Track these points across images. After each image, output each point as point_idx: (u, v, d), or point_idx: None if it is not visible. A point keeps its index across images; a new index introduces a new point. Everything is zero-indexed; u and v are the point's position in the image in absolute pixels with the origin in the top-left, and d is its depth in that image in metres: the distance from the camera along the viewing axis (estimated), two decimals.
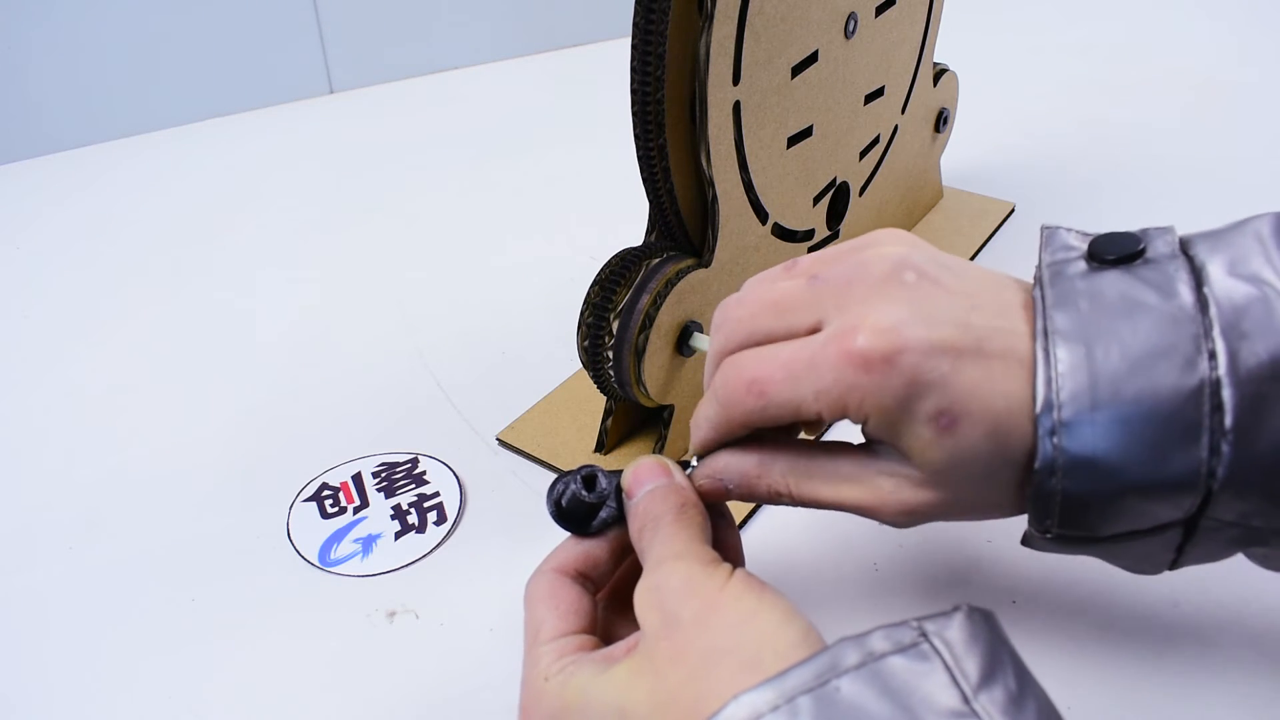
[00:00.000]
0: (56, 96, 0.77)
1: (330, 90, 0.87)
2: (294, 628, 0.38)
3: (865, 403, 0.26)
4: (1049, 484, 0.25)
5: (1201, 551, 0.27)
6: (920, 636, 0.22)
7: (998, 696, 0.21)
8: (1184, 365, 0.24)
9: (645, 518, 0.29)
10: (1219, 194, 0.65)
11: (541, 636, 0.28)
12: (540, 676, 0.27)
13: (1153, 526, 0.26)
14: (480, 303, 0.58)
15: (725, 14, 0.36)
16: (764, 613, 0.24)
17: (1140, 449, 0.24)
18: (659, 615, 0.25)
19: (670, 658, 0.24)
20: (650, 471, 0.30)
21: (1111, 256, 0.26)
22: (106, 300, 0.60)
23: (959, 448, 0.26)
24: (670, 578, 0.26)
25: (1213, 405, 0.24)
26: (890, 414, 0.26)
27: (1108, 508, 0.25)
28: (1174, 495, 0.25)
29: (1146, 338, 0.25)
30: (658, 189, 0.39)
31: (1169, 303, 0.25)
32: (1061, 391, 0.25)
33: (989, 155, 0.70)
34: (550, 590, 0.29)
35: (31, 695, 0.36)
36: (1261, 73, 0.82)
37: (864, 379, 0.26)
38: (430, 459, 0.46)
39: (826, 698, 0.21)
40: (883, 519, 0.28)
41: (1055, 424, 0.25)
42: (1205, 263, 0.26)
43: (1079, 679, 0.34)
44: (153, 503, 0.45)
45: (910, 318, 0.26)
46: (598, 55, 0.92)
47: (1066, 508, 0.25)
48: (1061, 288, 0.26)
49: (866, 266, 0.28)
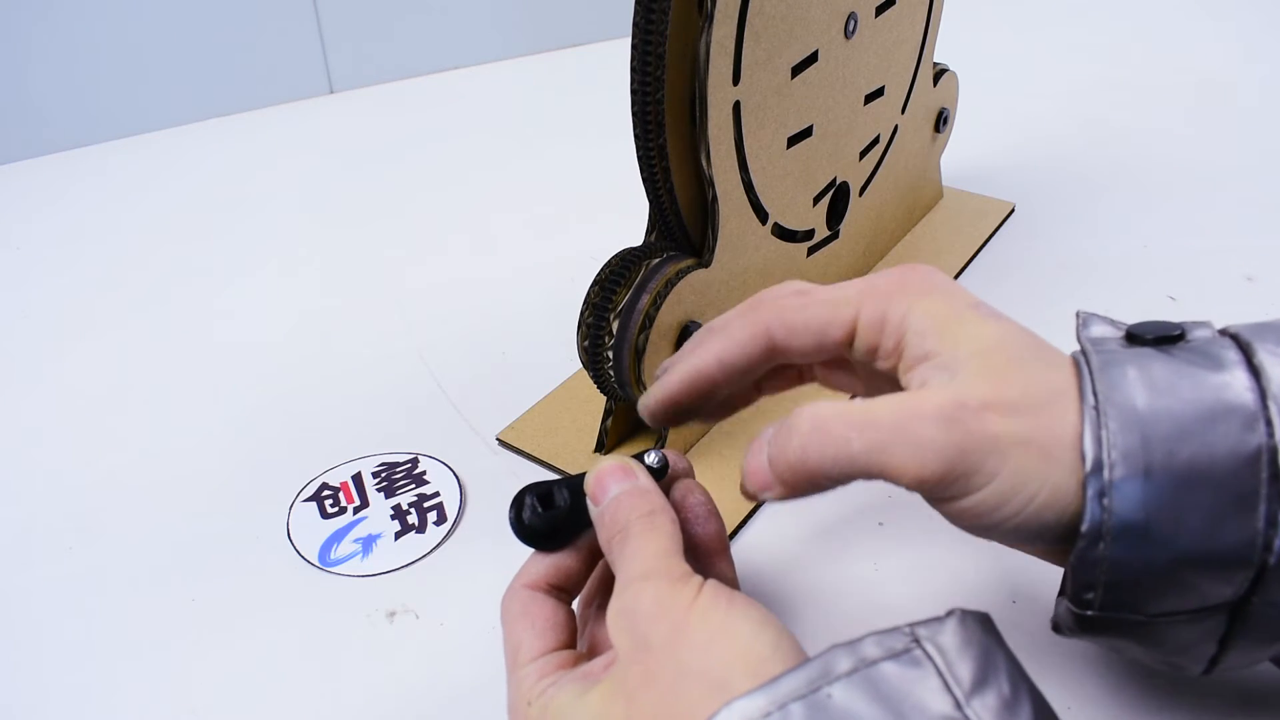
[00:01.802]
0: (56, 96, 0.77)
1: (330, 90, 0.87)
2: (294, 628, 0.38)
3: (909, 294, 0.27)
4: (1095, 551, 0.24)
5: (1246, 644, 0.26)
6: (913, 642, 0.22)
7: (990, 702, 0.21)
8: (1241, 430, 0.23)
9: (613, 527, 0.28)
10: (1219, 194, 0.65)
11: (521, 658, 0.28)
12: (524, 701, 0.27)
13: (1199, 608, 0.25)
14: (480, 303, 0.58)
15: (725, 14, 0.36)
16: (731, 629, 0.24)
17: (1194, 516, 0.23)
18: (630, 639, 0.25)
19: (641, 682, 0.24)
20: (614, 475, 0.29)
21: (1151, 337, 0.26)
22: (105, 300, 0.60)
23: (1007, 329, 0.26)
24: (640, 599, 0.25)
25: (1270, 474, 0.23)
26: (937, 303, 0.27)
27: (1157, 580, 0.24)
28: (1227, 569, 0.24)
29: (1200, 401, 0.24)
30: (658, 189, 0.39)
31: (1220, 372, 0.24)
32: (1113, 451, 0.24)
33: (989, 155, 0.70)
34: (524, 608, 0.29)
35: (31, 695, 0.36)
36: (1263, 73, 0.82)
37: (910, 276, 0.28)
38: (430, 459, 0.46)
39: (818, 704, 0.21)
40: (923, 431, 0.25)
41: (1105, 485, 0.24)
42: (1251, 341, 0.25)
43: (1079, 679, 0.34)
44: (152, 503, 0.45)
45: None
46: (598, 55, 0.92)
47: (1113, 579, 0.24)
48: (1106, 356, 0.25)
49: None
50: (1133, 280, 0.56)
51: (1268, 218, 0.62)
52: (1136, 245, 0.59)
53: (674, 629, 0.24)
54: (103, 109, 0.79)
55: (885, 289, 0.28)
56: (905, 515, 0.41)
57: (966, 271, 0.57)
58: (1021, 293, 0.55)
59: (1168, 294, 0.55)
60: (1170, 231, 0.60)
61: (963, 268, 0.57)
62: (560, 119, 0.81)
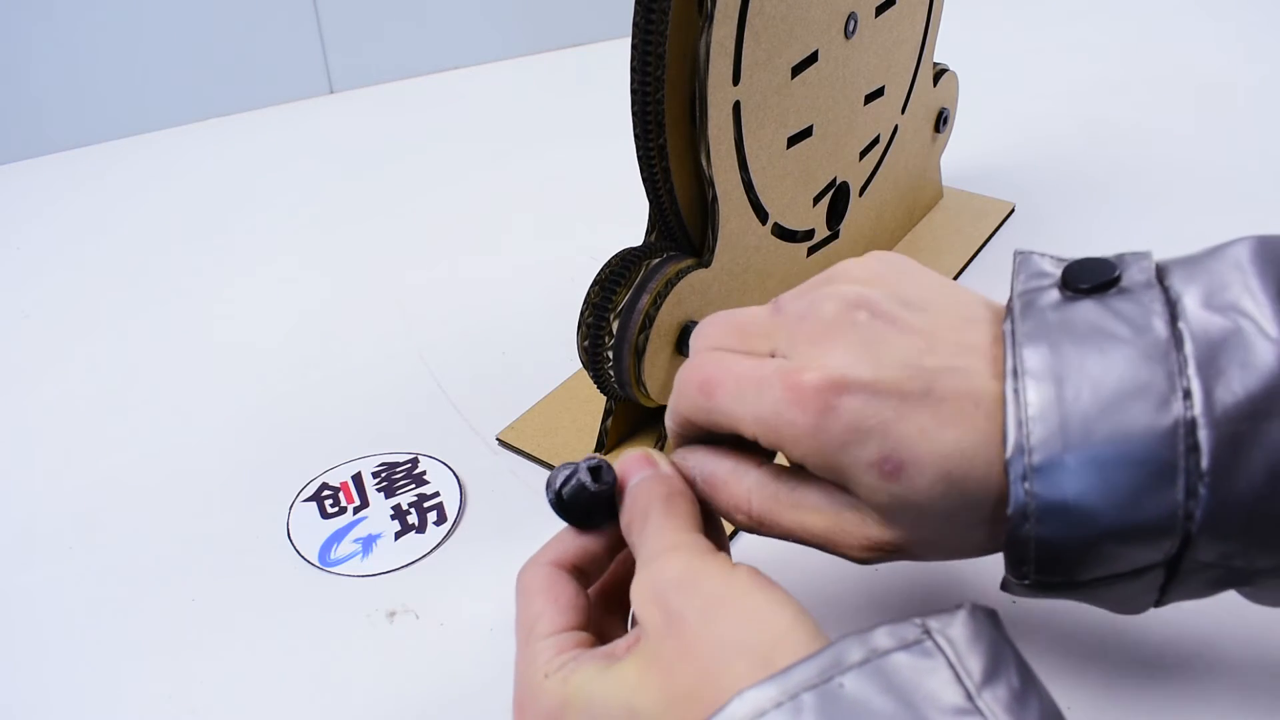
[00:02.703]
0: (56, 96, 0.77)
1: (330, 90, 0.87)
2: (294, 628, 0.38)
3: (801, 443, 0.26)
4: (1022, 530, 0.24)
5: (1185, 591, 0.26)
6: (924, 634, 0.22)
7: (1001, 694, 0.21)
8: (1158, 405, 0.23)
9: (633, 511, 0.28)
10: (1220, 195, 0.65)
11: (538, 631, 0.27)
12: (539, 673, 0.26)
13: (1132, 570, 0.25)
14: (480, 303, 0.58)
15: (725, 14, 0.36)
16: (774, 609, 0.24)
17: (1114, 493, 0.24)
18: (661, 611, 0.25)
19: (679, 655, 0.24)
20: (636, 464, 0.30)
21: (1085, 285, 0.26)
22: (106, 300, 0.60)
23: (907, 493, 0.25)
24: (666, 570, 0.25)
25: (1188, 446, 0.23)
26: (829, 459, 0.26)
27: (1085, 553, 0.25)
28: (1152, 539, 0.24)
29: (1119, 376, 0.24)
30: (658, 189, 0.39)
31: (1142, 338, 0.24)
32: (1032, 435, 0.24)
33: (989, 155, 0.70)
34: (548, 583, 0.28)
35: (31, 695, 0.36)
36: (1263, 73, 0.82)
37: (801, 419, 0.25)
38: (430, 459, 0.46)
39: (830, 694, 0.21)
40: (845, 553, 0.27)
41: (1026, 469, 0.24)
42: (1181, 294, 0.25)
43: (1079, 679, 0.34)
44: (152, 503, 0.45)
45: (855, 361, 0.26)
46: (598, 55, 0.92)
47: (1042, 554, 0.25)
48: (1032, 321, 0.25)
49: (818, 305, 0.27)
50: None
51: (1268, 218, 0.62)
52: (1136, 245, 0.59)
53: (710, 601, 0.24)
54: (103, 109, 0.79)
55: (775, 427, 0.26)
56: None
57: (966, 271, 0.57)
58: None
59: None
60: (1170, 231, 0.60)
61: (963, 268, 0.57)
62: (560, 119, 0.81)
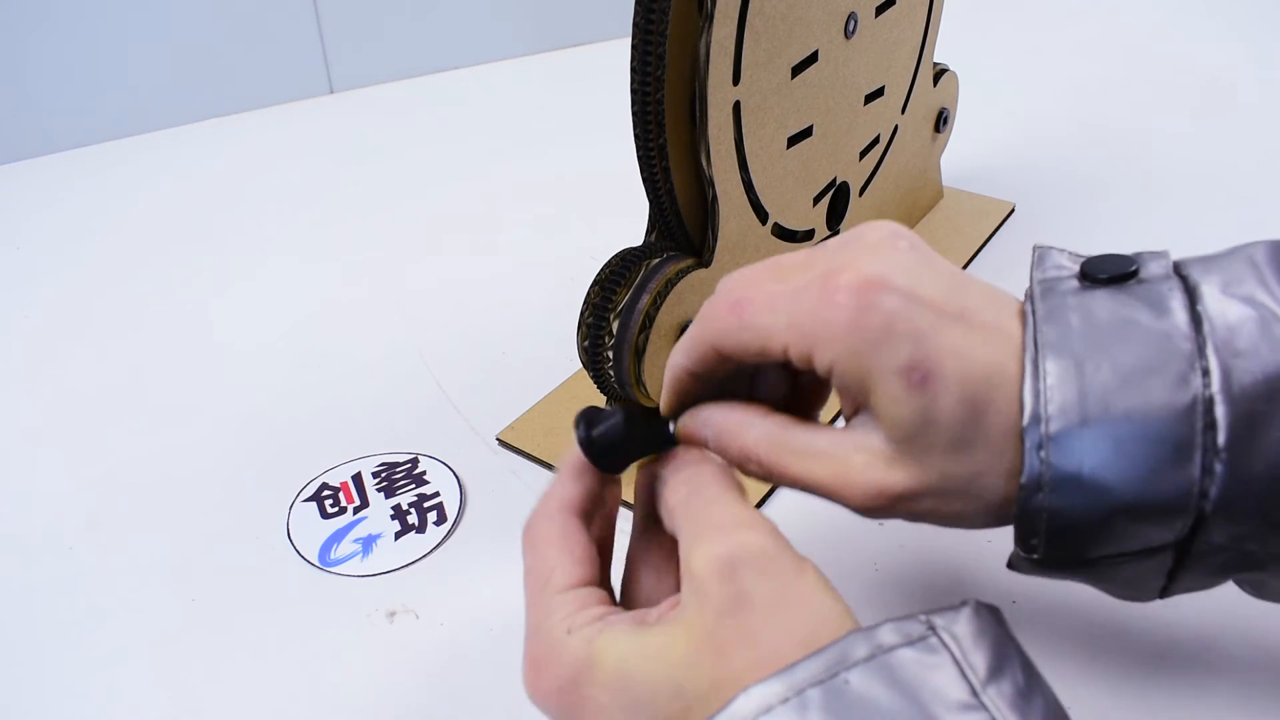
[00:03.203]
0: (56, 96, 0.77)
1: (330, 90, 0.87)
2: (294, 628, 0.38)
3: (834, 343, 0.25)
4: (1035, 500, 0.24)
5: (1193, 577, 0.26)
6: (929, 630, 0.22)
7: (1006, 690, 0.21)
8: (1177, 381, 0.24)
9: (692, 480, 0.27)
10: (1220, 195, 0.65)
11: (554, 583, 0.26)
12: (559, 628, 0.25)
13: (1143, 549, 0.25)
14: (480, 303, 0.58)
15: (725, 14, 0.36)
16: (838, 613, 0.24)
17: (1130, 467, 0.24)
18: (729, 586, 0.23)
19: (739, 639, 0.23)
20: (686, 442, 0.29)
21: (1104, 276, 0.26)
22: (105, 300, 0.60)
23: (930, 408, 0.25)
24: (747, 544, 0.24)
25: (1206, 423, 0.23)
26: (860, 358, 0.25)
27: (1097, 528, 0.25)
28: (1165, 516, 0.24)
29: (1139, 353, 0.24)
30: (658, 189, 0.39)
31: (1162, 320, 0.25)
32: (1050, 405, 0.24)
33: (989, 155, 0.70)
34: (561, 534, 0.27)
35: (31, 695, 0.36)
36: (1263, 73, 0.82)
37: (838, 315, 0.25)
38: (430, 459, 0.46)
39: (836, 690, 0.21)
40: (850, 501, 0.27)
41: (1043, 438, 0.24)
42: (1199, 283, 0.25)
43: (1079, 679, 0.34)
44: (152, 503, 0.45)
45: (898, 271, 0.25)
46: (598, 55, 0.92)
47: (1053, 527, 0.25)
48: (1052, 303, 0.26)
49: (860, 233, 0.27)
50: None
51: (1268, 218, 0.62)
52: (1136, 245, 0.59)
53: (782, 589, 0.23)
54: (103, 109, 0.79)
55: (809, 328, 0.26)
56: None
57: (966, 271, 0.57)
58: (1021, 292, 0.55)
59: None
60: (1170, 231, 0.60)
61: (963, 268, 0.57)
62: (560, 119, 0.81)
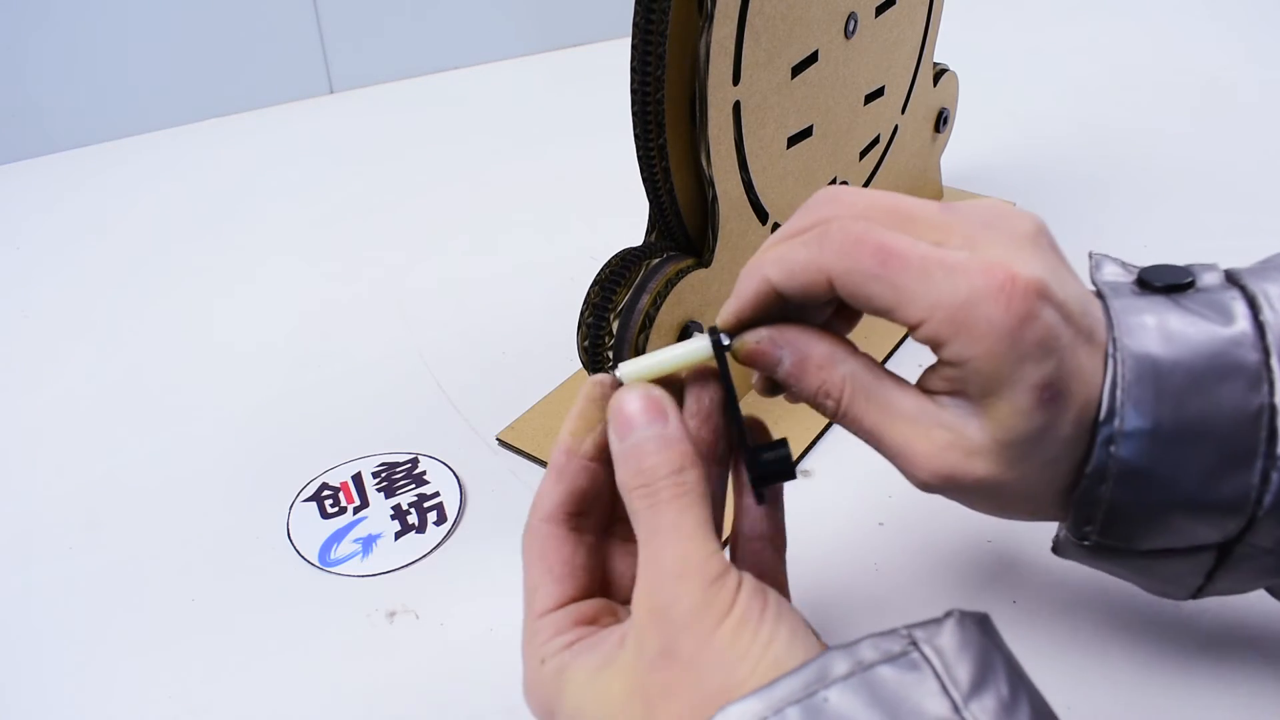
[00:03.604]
0: (56, 96, 0.77)
1: (330, 90, 0.87)
2: (294, 628, 0.38)
3: (986, 340, 0.24)
4: (1097, 490, 0.25)
5: (1231, 579, 0.27)
6: (910, 645, 0.22)
7: (989, 704, 0.21)
8: (1246, 388, 0.24)
9: (637, 478, 0.25)
10: (1221, 195, 0.65)
11: (535, 607, 0.26)
12: (537, 658, 0.26)
13: (1189, 546, 0.26)
14: (480, 303, 0.58)
15: (725, 14, 0.36)
16: (759, 649, 0.23)
17: (1195, 467, 0.24)
18: (658, 641, 0.23)
19: (661, 693, 0.23)
20: (644, 410, 0.26)
21: (1160, 284, 0.26)
22: (105, 300, 0.60)
23: (1050, 425, 0.24)
24: (678, 604, 0.23)
25: (1270, 432, 0.24)
26: (1003, 364, 0.24)
27: (1152, 521, 0.25)
28: (1220, 517, 0.25)
29: (1211, 358, 0.25)
30: (658, 189, 0.39)
31: (1230, 327, 0.25)
32: (1126, 402, 0.24)
33: (989, 155, 0.70)
34: (541, 549, 0.27)
35: (31, 695, 0.36)
36: (1263, 73, 0.82)
37: (1002, 317, 0.23)
38: (430, 459, 0.46)
39: (814, 708, 0.21)
40: (916, 473, 0.26)
41: (1115, 433, 0.24)
42: (1257, 292, 0.26)
43: (1079, 679, 0.34)
44: (152, 503, 0.45)
45: (1054, 280, 0.25)
46: (598, 55, 0.92)
47: (1110, 517, 0.25)
48: (1124, 303, 0.26)
49: (1009, 217, 0.26)
50: None
51: (1268, 218, 0.62)
52: (1137, 245, 0.59)
53: (702, 643, 0.23)
54: (103, 109, 0.79)
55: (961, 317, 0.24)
56: (905, 515, 0.41)
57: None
58: None
59: None
60: (1170, 231, 0.60)
61: None
62: (560, 118, 0.81)
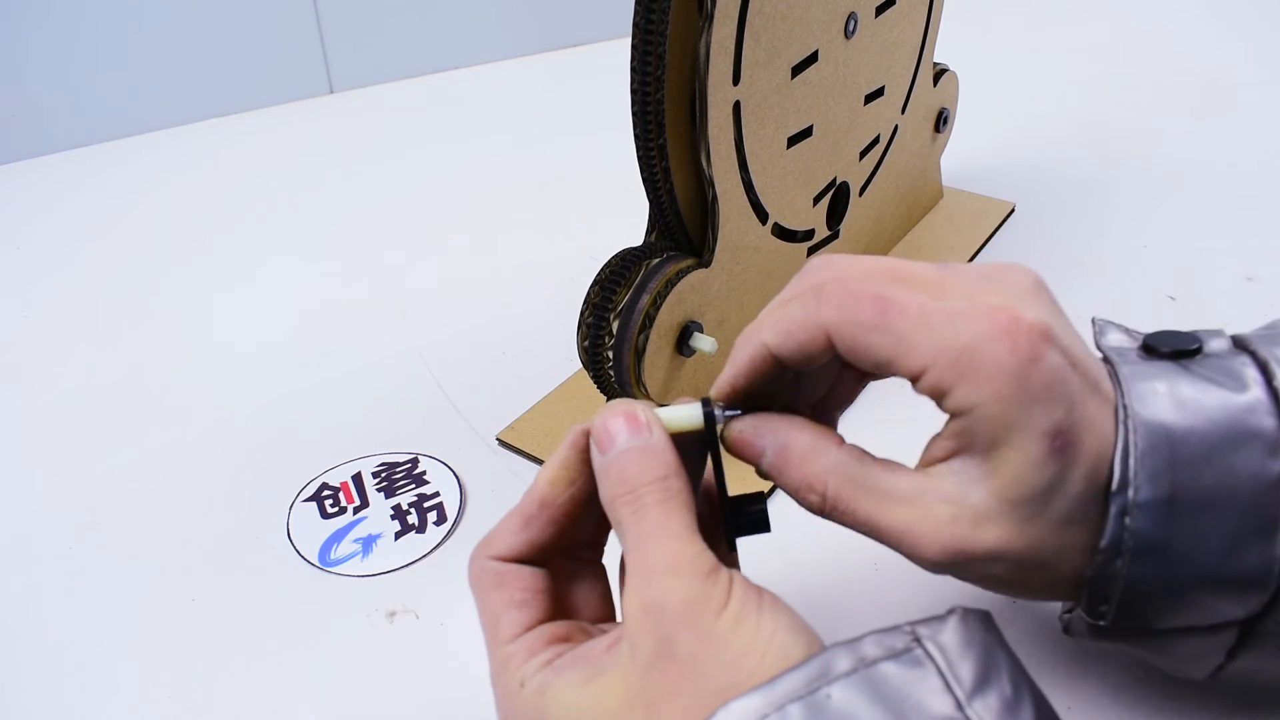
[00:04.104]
0: (56, 97, 0.77)
1: (330, 90, 0.87)
2: (294, 628, 0.38)
3: (992, 383, 0.23)
4: (1112, 567, 0.24)
5: (1253, 656, 0.26)
6: (913, 642, 0.22)
7: (992, 702, 0.21)
8: (1265, 455, 0.24)
9: (621, 486, 0.25)
10: (1220, 195, 0.64)
11: (501, 634, 0.26)
12: (514, 681, 0.25)
13: (1210, 625, 0.25)
14: (480, 303, 0.58)
15: (725, 14, 0.36)
16: (762, 641, 0.23)
17: (1213, 539, 0.24)
18: (653, 640, 0.23)
19: (663, 693, 0.23)
20: (622, 424, 0.26)
21: (1167, 350, 0.26)
22: (105, 300, 0.60)
23: (1061, 478, 0.24)
24: (669, 599, 0.23)
25: None
26: (1012, 407, 0.23)
27: (1172, 599, 0.24)
28: (1242, 591, 0.24)
29: (1227, 426, 0.24)
30: (658, 189, 0.39)
31: (1244, 394, 0.24)
32: (1140, 471, 0.23)
33: (989, 155, 0.70)
34: (497, 579, 0.26)
35: (31, 695, 0.36)
36: (1263, 74, 0.82)
37: (1007, 358, 0.23)
38: (430, 459, 0.46)
39: (817, 705, 0.21)
40: (924, 553, 0.25)
41: (1129, 504, 0.24)
42: (1269, 358, 0.25)
43: (1079, 679, 0.34)
44: (152, 503, 0.45)
45: (1057, 327, 0.24)
46: (598, 55, 0.92)
47: (1128, 595, 0.24)
48: (1132, 368, 0.25)
49: (1007, 275, 0.25)
50: (1133, 280, 0.56)
51: (1268, 218, 0.62)
52: (1136, 245, 0.59)
53: (702, 637, 0.23)
54: (103, 109, 0.79)
55: (964, 361, 0.23)
56: None
57: None
58: None
59: (1168, 294, 0.55)
60: (1170, 231, 0.60)
61: None
62: (560, 119, 0.81)
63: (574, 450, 0.27)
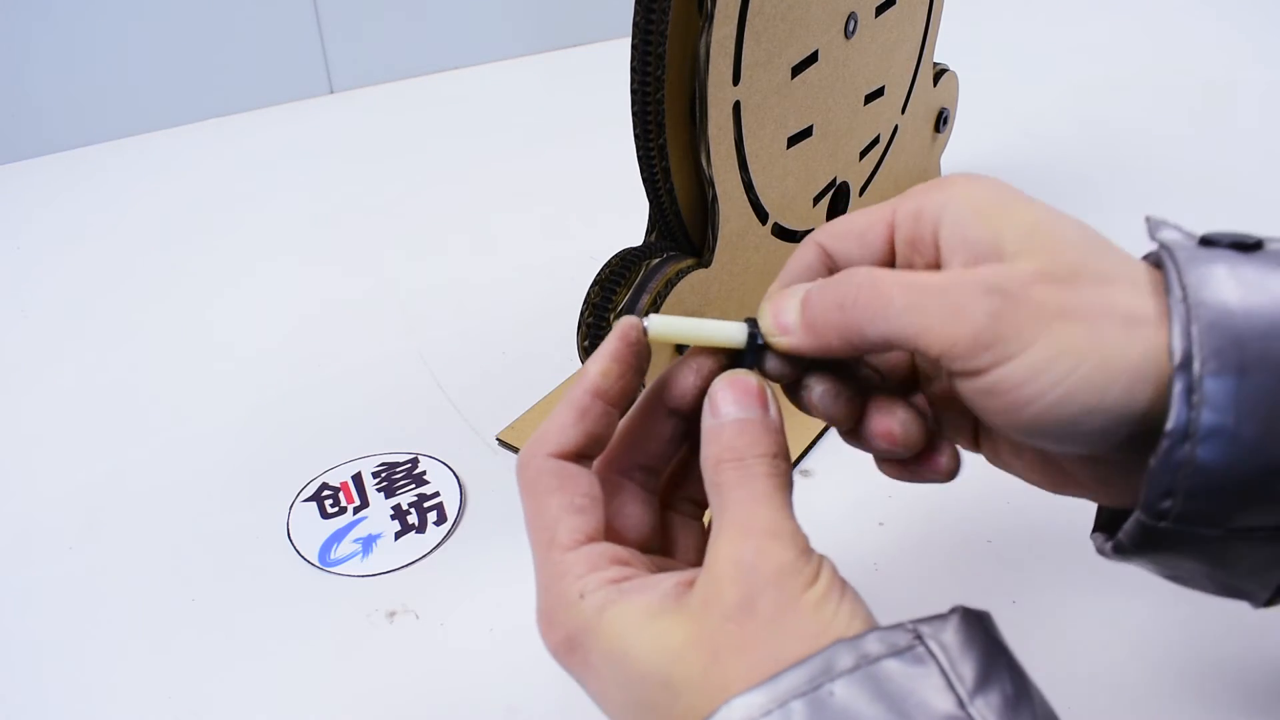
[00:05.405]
0: (56, 97, 0.77)
1: (330, 90, 0.87)
2: (294, 628, 0.38)
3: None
4: (1179, 453, 0.22)
5: None
6: (915, 639, 0.22)
7: (994, 700, 0.21)
8: None
9: (731, 451, 0.25)
10: (1220, 196, 0.65)
11: (561, 539, 0.25)
12: (573, 592, 0.24)
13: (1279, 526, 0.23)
14: (480, 303, 0.58)
15: (725, 14, 0.36)
16: (838, 628, 0.23)
17: None
18: (738, 594, 0.23)
19: (734, 646, 0.23)
20: (745, 395, 0.26)
21: (1227, 242, 0.24)
22: (105, 300, 0.60)
23: None
24: (764, 559, 0.23)
25: None
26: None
27: (1245, 488, 0.22)
28: None
29: None
30: (658, 189, 0.39)
31: None
32: (1204, 346, 0.22)
33: (989, 155, 0.70)
34: (556, 482, 0.26)
35: (31, 695, 0.36)
36: (1263, 74, 0.82)
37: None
38: (430, 459, 0.46)
39: (819, 702, 0.21)
40: (952, 348, 0.24)
41: (1194, 381, 0.22)
42: None
43: (1079, 680, 0.34)
44: (152, 503, 0.45)
45: None
46: (598, 55, 0.92)
47: (1197, 484, 0.22)
48: (1188, 253, 0.24)
49: None
50: None
51: (1268, 218, 0.62)
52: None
53: (786, 604, 0.23)
54: (103, 109, 0.79)
55: (923, 187, 0.26)
56: (905, 515, 0.41)
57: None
58: None
59: None
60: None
61: None
62: (560, 119, 0.81)
63: (623, 342, 0.27)
